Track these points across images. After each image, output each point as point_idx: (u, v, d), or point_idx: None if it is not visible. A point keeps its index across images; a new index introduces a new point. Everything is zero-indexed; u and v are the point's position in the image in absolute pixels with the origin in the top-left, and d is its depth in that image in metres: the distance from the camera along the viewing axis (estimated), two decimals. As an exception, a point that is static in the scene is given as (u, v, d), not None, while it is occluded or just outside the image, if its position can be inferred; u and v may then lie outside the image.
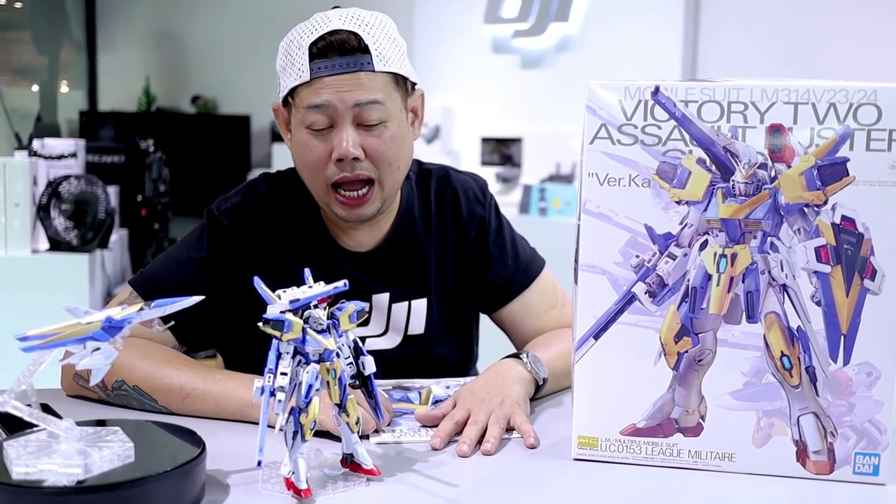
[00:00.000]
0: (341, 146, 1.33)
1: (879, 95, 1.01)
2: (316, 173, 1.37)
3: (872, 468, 1.06)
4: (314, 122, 1.34)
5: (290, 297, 0.96)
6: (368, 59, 1.33)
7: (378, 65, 1.33)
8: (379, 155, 1.36)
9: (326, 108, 1.33)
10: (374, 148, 1.35)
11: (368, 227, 1.47)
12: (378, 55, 1.33)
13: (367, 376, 1.04)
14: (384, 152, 1.36)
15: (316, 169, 1.37)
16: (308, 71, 1.32)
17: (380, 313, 1.49)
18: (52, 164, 3.32)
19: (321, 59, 1.32)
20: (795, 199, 1.03)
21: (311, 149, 1.36)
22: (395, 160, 1.38)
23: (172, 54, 6.91)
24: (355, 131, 1.34)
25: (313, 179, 1.39)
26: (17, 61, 5.99)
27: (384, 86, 1.35)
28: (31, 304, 3.00)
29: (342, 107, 1.32)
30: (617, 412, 1.10)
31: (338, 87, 1.32)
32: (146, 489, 0.88)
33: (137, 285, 1.41)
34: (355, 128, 1.34)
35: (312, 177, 1.39)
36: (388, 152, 1.36)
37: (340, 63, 1.32)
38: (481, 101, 5.53)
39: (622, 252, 1.08)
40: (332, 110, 1.33)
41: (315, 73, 1.32)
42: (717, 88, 1.04)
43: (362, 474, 1.03)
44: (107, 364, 0.91)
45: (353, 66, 1.32)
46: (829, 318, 1.04)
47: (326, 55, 1.32)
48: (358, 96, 1.32)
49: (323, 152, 1.35)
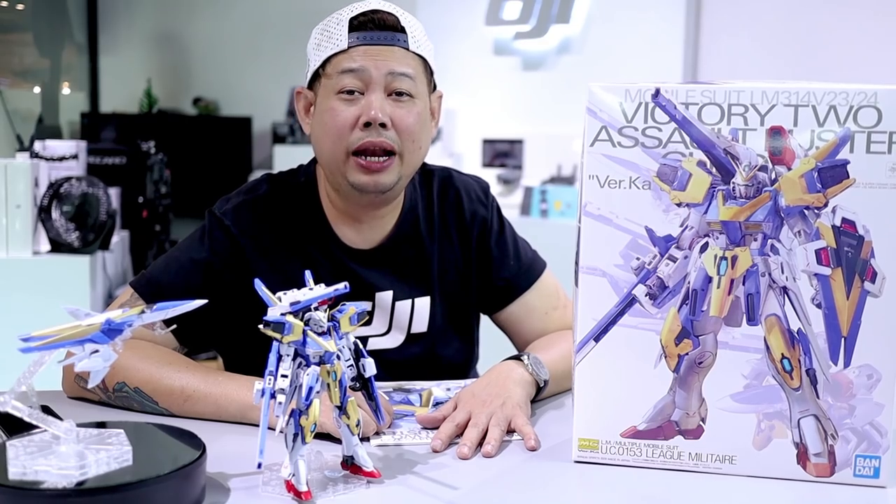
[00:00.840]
0: (371, 109, 1.36)
1: (880, 97, 1.01)
2: (340, 139, 1.39)
3: (873, 471, 1.06)
4: (346, 84, 1.38)
5: (290, 300, 0.96)
6: (405, 37, 1.39)
7: (412, 45, 1.40)
8: (405, 127, 1.39)
9: (361, 72, 1.37)
10: (402, 119, 1.38)
11: (372, 223, 1.48)
12: (413, 37, 1.40)
13: (367, 378, 1.04)
14: (410, 125, 1.39)
15: (341, 134, 1.38)
16: (346, 40, 1.38)
17: (383, 312, 1.50)
18: (53, 166, 3.33)
19: (361, 31, 1.38)
20: (796, 202, 1.03)
21: (339, 113, 1.38)
22: (418, 137, 1.41)
23: (174, 56, 6.91)
24: (385, 99, 1.38)
25: (335, 146, 1.39)
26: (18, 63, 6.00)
27: (416, 65, 1.41)
28: (32, 305, 2.99)
29: (376, 73, 1.37)
30: (617, 414, 1.10)
31: (374, 55, 1.37)
32: (146, 491, 0.88)
33: (138, 287, 1.41)
34: (385, 96, 1.38)
35: (335, 142, 1.39)
36: (413, 126, 1.40)
37: (378, 36, 1.38)
38: (483, 103, 5.54)
39: (623, 254, 1.08)
40: (366, 75, 1.37)
41: (353, 42, 1.37)
42: (718, 91, 1.04)
43: (363, 476, 1.03)
44: (105, 366, 0.91)
45: (390, 40, 1.38)
46: (830, 320, 1.04)
47: (366, 28, 1.38)
48: (392, 66, 1.37)
49: (350, 117, 1.38)
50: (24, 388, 0.90)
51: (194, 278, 1.41)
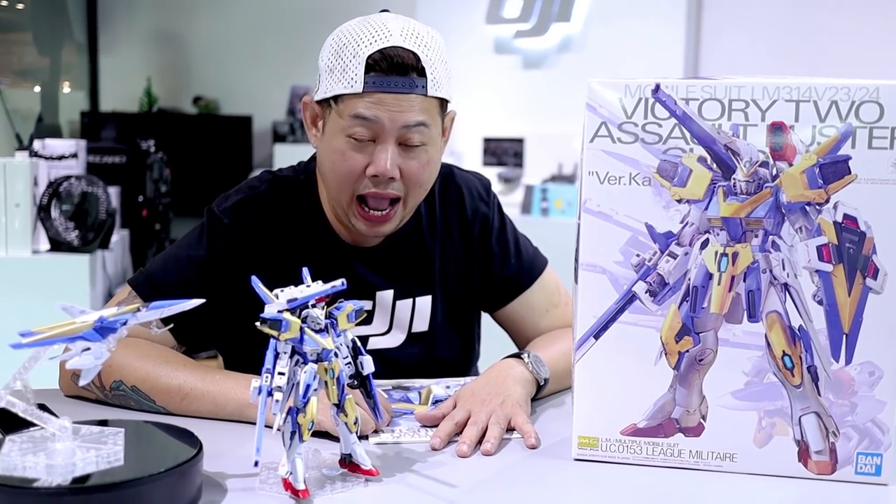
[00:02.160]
0: (382, 164, 1.31)
1: (881, 93, 1.01)
2: (346, 183, 1.36)
3: (875, 468, 1.05)
4: (357, 133, 1.32)
5: (287, 297, 0.96)
6: (424, 82, 1.31)
7: (431, 90, 1.32)
8: (414, 178, 1.36)
9: (374, 123, 1.30)
10: (411, 170, 1.35)
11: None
12: (433, 80, 1.32)
13: (365, 376, 1.04)
14: (419, 176, 1.36)
15: (347, 179, 1.35)
16: (362, 83, 1.29)
17: (384, 311, 1.49)
18: (53, 165, 3.32)
19: (377, 74, 1.29)
20: (797, 198, 1.03)
21: (348, 159, 1.34)
22: (426, 183, 1.39)
23: (174, 55, 6.91)
24: (396, 149, 1.33)
25: (341, 189, 1.37)
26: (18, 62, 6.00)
27: (432, 110, 1.34)
28: (31, 304, 2.99)
29: (390, 125, 1.30)
30: (617, 412, 1.10)
31: (389, 104, 1.30)
32: (143, 490, 0.87)
33: (137, 285, 1.40)
34: (396, 145, 1.33)
35: (341, 186, 1.37)
36: (422, 176, 1.37)
37: (396, 82, 1.29)
38: (483, 102, 5.53)
39: (623, 251, 1.07)
40: (379, 126, 1.31)
41: (369, 87, 1.29)
42: (718, 86, 1.04)
43: (361, 475, 1.02)
44: (96, 365, 0.90)
45: (408, 88, 1.30)
46: (831, 317, 1.04)
47: (383, 70, 1.29)
48: (408, 118, 1.30)
49: (359, 164, 1.34)
50: (20, 384, 0.90)
51: (192, 276, 1.40)
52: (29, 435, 0.93)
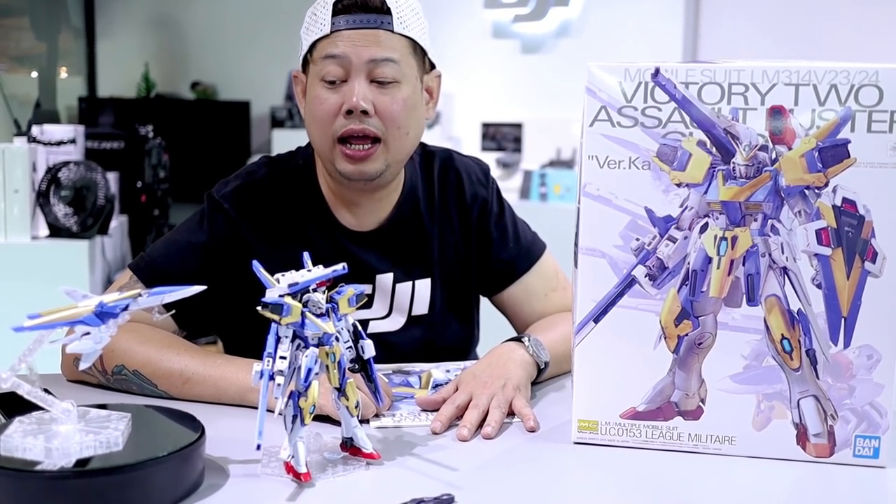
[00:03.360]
0: (352, 98, 1.34)
1: (881, 76, 1.01)
2: (324, 126, 1.38)
3: (873, 451, 1.06)
4: (329, 72, 1.36)
5: (288, 281, 0.96)
6: (389, 19, 1.35)
7: (398, 26, 1.36)
8: (389, 114, 1.36)
9: (342, 59, 1.35)
10: (385, 106, 1.36)
11: (371, 205, 1.47)
12: (399, 18, 1.36)
13: (366, 360, 1.04)
14: (394, 111, 1.37)
15: (325, 121, 1.37)
16: (329, 25, 1.35)
17: (383, 294, 1.49)
18: (51, 151, 3.31)
19: (343, 14, 1.35)
20: (796, 182, 1.03)
21: (323, 101, 1.37)
22: (404, 123, 1.38)
23: (172, 40, 6.88)
24: (368, 86, 1.35)
25: (321, 133, 1.39)
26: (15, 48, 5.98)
27: (401, 48, 1.37)
28: (30, 290, 2.98)
29: (357, 60, 1.34)
30: (617, 396, 1.10)
31: (355, 40, 1.35)
32: (145, 473, 0.88)
33: (137, 269, 1.40)
34: (368, 83, 1.35)
35: (321, 130, 1.39)
36: (398, 112, 1.37)
37: (361, 19, 1.34)
38: (482, 87, 5.52)
39: (622, 235, 1.07)
40: (346, 62, 1.35)
41: (335, 27, 1.35)
42: (718, 70, 1.04)
43: (362, 458, 1.03)
44: (96, 349, 0.90)
45: (373, 23, 1.35)
46: (830, 300, 1.04)
47: (349, 11, 1.35)
48: (374, 52, 1.34)
49: (334, 104, 1.36)
50: (25, 367, 0.90)
51: (193, 261, 1.40)
52: (32, 418, 0.94)
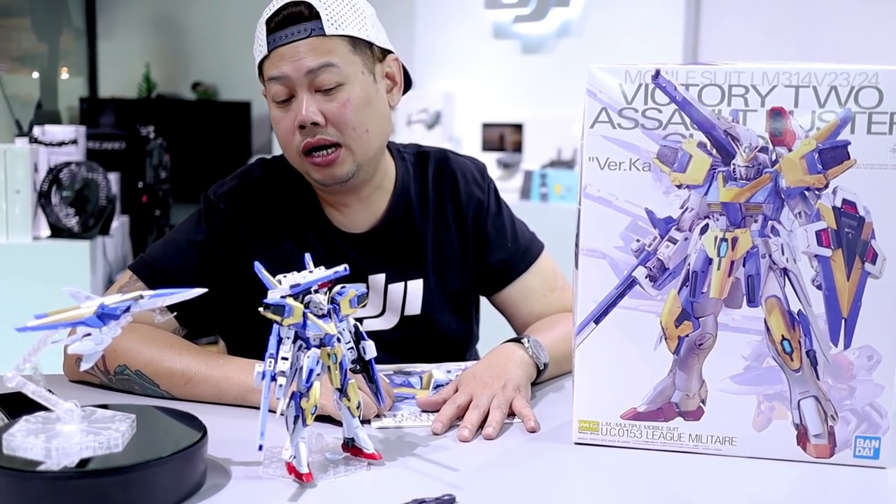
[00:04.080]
0: (300, 113, 1.35)
1: (881, 78, 1.01)
2: (287, 144, 1.40)
3: (873, 451, 1.06)
4: (276, 93, 1.38)
5: (290, 282, 0.96)
6: (319, 24, 1.35)
7: (329, 28, 1.35)
8: (339, 118, 1.37)
9: (283, 78, 1.36)
10: (333, 112, 1.36)
11: (361, 205, 1.48)
12: (329, 19, 1.35)
13: (367, 361, 1.04)
14: (344, 115, 1.37)
15: (286, 140, 1.40)
16: (265, 44, 1.37)
17: (376, 294, 1.50)
18: (52, 151, 3.32)
19: (276, 31, 1.36)
20: (796, 183, 1.03)
21: (279, 121, 1.39)
22: (359, 123, 1.38)
23: (172, 41, 6.89)
24: (313, 97, 1.36)
25: (288, 151, 1.42)
26: (17, 48, 5.98)
27: (339, 49, 1.36)
28: (32, 290, 2.99)
29: (296, 75, 1.35)
30: (618, 396, 1.11)
31: (291, 55, 1.35)
32: (147, 473, 0.88)
33: (137, 270, 1.41)
34: (313, 94, 1.36)
35: (286, 148, 1.41)
36: (348, 115, 1.37)
37: (291, 32, 1.35)
38: (482, 87, 5.52)
39: (623, 236, 1.08)
40: (288, 80, 1.36)
41: (272, 45, 1.36)
42: (718, 72, 1.04)
43: (363, 458, 1.03)
44: (96, 350, 0.91)
45: (304, 33, 1.35)
46: (830, 301, 1.04)
47: (280, 27, 1.36)
48: (309, 63, 1.34)
49: (289, 122, 1.38)
50: (29, 367, 0.90)
51: (192, 260, 1.41)
52: (37, 418, 0.94)
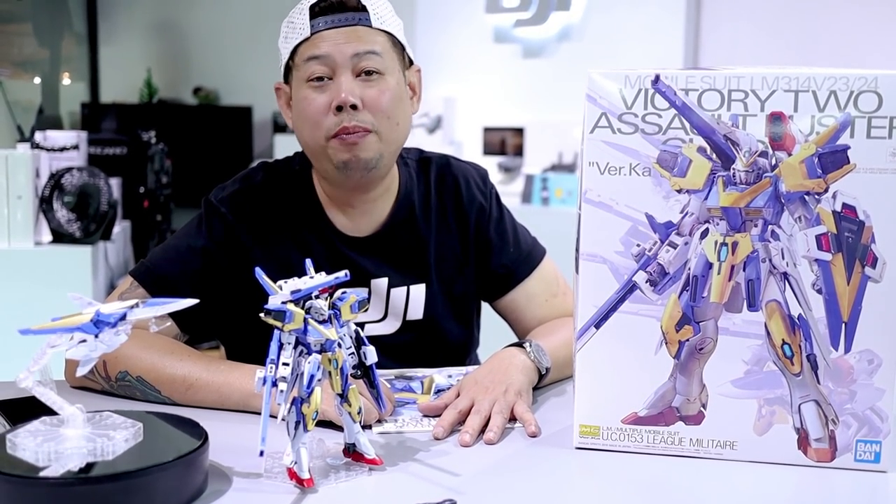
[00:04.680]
0: (339, 94, 1.35)
1: (880, 83, 1.01)
2: (316, 126, 1.39)
3: (874, 455, 1.06)
4: (314, 72, 1.37)
5: (291, 288, 0.96)
6: (367, 15, 1.37)
7: (375, 22, 1.38)
8: (377, 105, 1.38)
9: (325, 58, 1.36)
10: (373, 98, 1.37)
11: (365, 208, 1.48)
12: (375, 14, 1.38)
13: (368, 366, 1.04)
14: (383, 102, 1.38)
15: (316, 121, 1.38)
16: (308, 28, 1.37)
17: (378, 298, 1.50)
18: (54, 157, 3.33)
19: (321, 16, 1.37)
20: (796, 187, 1.03)
21: (311, 101, 1.38)
22: (393, 113, 1.40)
23: (174, 45, 6.90)
24: (354, 80, 1.37)
25: (313, 133, 1.40)
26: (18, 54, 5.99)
27: (382, 42, 1.39)
28: (34, 296, 3.00)
29: (341, 57, 1.36)
30: (618, 401, 1.11)
31: (336, 38, 1.36)
32: (149, 479, 0.88)
33: (138, 275, 1.41)
34: (354, 78, 1.37)
35: (312, 130, 1.40)
36: (386, 103, 1.38)
37: (339, 18, 1.36)
38: (483, 91, 5.52)
39: (623, 241, 1.08)
40: (330, 60, 1.36)
41: (315, 29, 1.37)
42: (718, 77, 1.04)
43: (365, 464, 1.03)
44: (91, 357, 0.91)
45: (352, 21, 1.37)
46: (831, 305, 1.04)
47: (326, 12, 1.37)
48: (356, 46, 1.36)
49: (323, 103, 1.37)
50: (37, 370, 0.91)
51: (193, 265, 1.41)
52: (43, 422, 0.94)
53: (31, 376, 0.91)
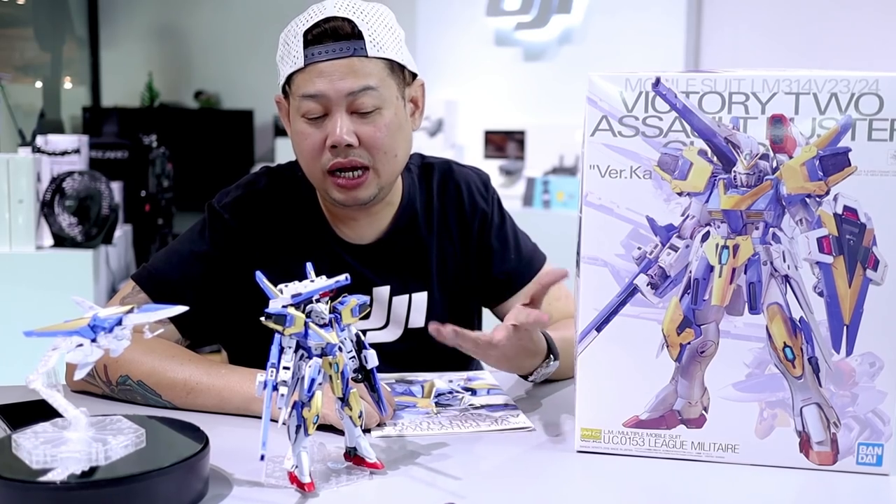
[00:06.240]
0: (335, 133, 1.34)
1: (881, 85, 1.01)
2: (313, 161, 1.38)
3: (876, 458, 1.06)
4: (309, 110, 1.35)
5: (292, 292, 0.96)
6: (362, 44, 1.33)
7: (372, 50, 1.34)
8: (373, 142, 1.36)
9: (320, 97, 1.34)
10: (369, 135, 1.36)
11: (369, 219, 1.48)
12: (372, 41, 1.34)
13: (369, 370, 1.04)
14: (379, 139, 1.36)
15: (312, 156, 1.38)
16: (302, 57, 1.34)
17: (380, 306, 1.50)
18: (55, 161, 3.33)
19: (315, 46, 1.33)
20: (797, 190, 1.03)
21: (307, 136, 1.37)
22: (390, 148, 1.38)
23: (175, 49, 6.91)
24: (349, 118, 1.35)
25: (310, 167, 1.40)
26: (20, 58, 6.00)
27: (378, 72, 1.35)
28: (35, 300, 3.00)
29: (335, 95, 1.33)
30: (620, 404, 1.10)
31: (331, 73, 1.33)
32: (150, 484, 0.88)
33: (140, 280, 1.41)
34: (349, 115, 1.35)
35: (309, 164, 1.40)
36: (382, 140, 1.37)
37: (334, 49, 1.33)
38: (484, 94, 5.53)
39: (624, 244, 1.08)
40: (325, 99, 1.34)
41: (309, 60, 1.33)
42: (719, 79, 1.04)
43: (365, 468, 1.03)
44: (87, 361, 0.91)
45: (347, 52, 1.33)
46: (832, 308, 1.04)
47: (321, 41, 1.33)
48: (351, 84, 1.33)
49: (318, 140, 1.36)
50: (44, 370, 0.91)
51: (195, 270, 1.41)
52: (36, 430, 0.94)
53: (41, 378, 0.91)
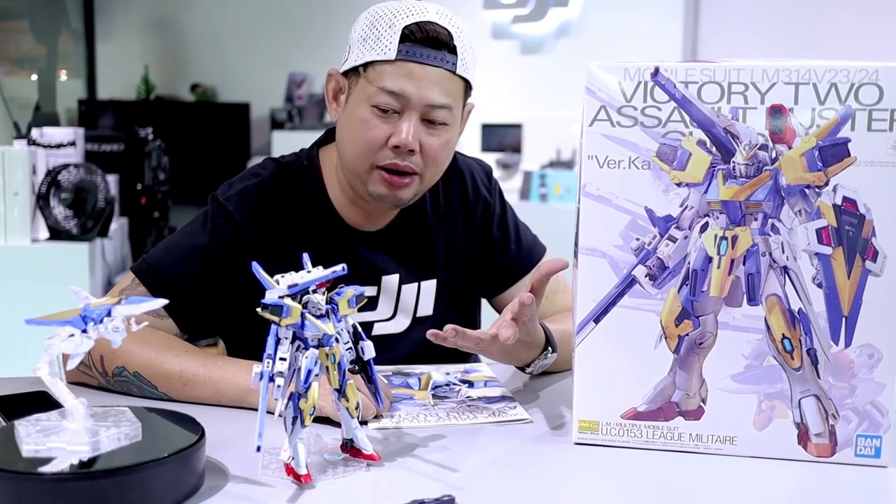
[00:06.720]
0: (403, 136, 1.33)
1: (881, 75, 1.01)
2: (367, 152, 1.37)
3: (874, 450, 1.06)
4: (384, 103, 1.34)
5: (288, 282, 0.96)
6: (455, 60, 1.34)
7: (461, 68, 1.35)
8: (433, 155, 1.37)
9: (401, 96, 1.33)
10: (431, 147, 1.36)
11: (378, 207, 1.47)
12: (462, 59, 1.35)
13: (366, 361, 1.04)
14: (437, 153, 1.38)
15: (369, 148, 1.36)
16: (395, 51, 1.32)
17: (388, 296, 1.49)
18: (51, 153, 3.31)
19: (413, 45, 1.32)
20: (796, 181, 1.03)
21: (371, 128, 1.35)
22: (442, 163, 1.41)
23: (171, 42, 6.89)
24: (420, 125, 1.35)
25: (360, 157, 1.38)
26: (15, 50, 5.98)
27: (457, 91, 1.37)
28: (31, 293, 2.99)
29: (417, 101, 1.33)
30: (618, 396, 1.10)
31: (420, 78, 1.32)
32: (146, 475, 0.87)
33: (139, 272, 1.40)
34: (420, 121, 1.35)
35: (361, 153, 1.38)
36: (440, 154, 1.38)
37: (430, 55, 1.32)
38: (481, 88, 5.48)
39: (622, 235, 1.07)
40: (405, 100, 1.33)
41: (402, 56, 1.32)
42: (718, 69, 1.04)
43: (362, 459, 1.02)
44: (77, 352, 0.91)
45: (439, 62, 1.33)
46: (831, 299, 1.04)
47: (418, 41, 1.32)
48: (435, 96, 1.33)
49: (382, 135, 1.35)
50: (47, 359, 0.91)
51: (195, 264, 1.40)
52: (38, 418, 0.94)
53: (46, 366, 0.90)
